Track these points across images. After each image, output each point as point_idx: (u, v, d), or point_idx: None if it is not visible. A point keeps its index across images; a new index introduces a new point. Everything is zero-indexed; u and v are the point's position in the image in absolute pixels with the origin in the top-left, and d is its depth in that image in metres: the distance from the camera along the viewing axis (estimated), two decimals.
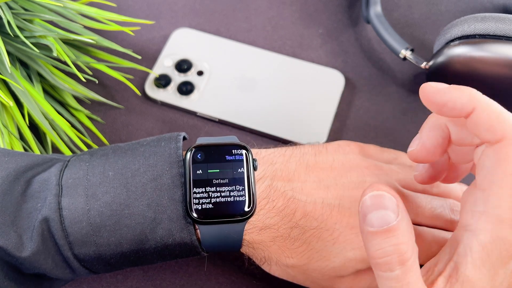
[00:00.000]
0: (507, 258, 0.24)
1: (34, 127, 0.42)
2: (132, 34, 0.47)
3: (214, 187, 0.30)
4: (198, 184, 0.29)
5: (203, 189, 0.29)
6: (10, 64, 0.36)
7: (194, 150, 0.30)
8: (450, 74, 0.41)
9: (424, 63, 0.43)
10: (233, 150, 0.30)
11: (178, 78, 0.46)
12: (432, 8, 0.51)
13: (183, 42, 0.48)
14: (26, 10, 0.40)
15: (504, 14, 0.38)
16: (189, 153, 0.30)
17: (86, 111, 0.44)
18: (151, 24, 0.49)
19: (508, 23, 0.38)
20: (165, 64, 0.47)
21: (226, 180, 0.30)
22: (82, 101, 0.45)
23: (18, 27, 0.38)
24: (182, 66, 0.46)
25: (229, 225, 0.29)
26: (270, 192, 0.31)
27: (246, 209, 0.29)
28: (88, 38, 0.39)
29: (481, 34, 0.38)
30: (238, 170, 0.30)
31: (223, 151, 0.30)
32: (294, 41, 0.49)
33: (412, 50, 0.44)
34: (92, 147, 0.41)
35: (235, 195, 0.29)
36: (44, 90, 0.42)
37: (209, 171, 0.30)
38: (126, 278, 0.37)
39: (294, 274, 0.33)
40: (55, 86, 0.43)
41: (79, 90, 0.43)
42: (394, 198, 0.24)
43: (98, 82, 0.46)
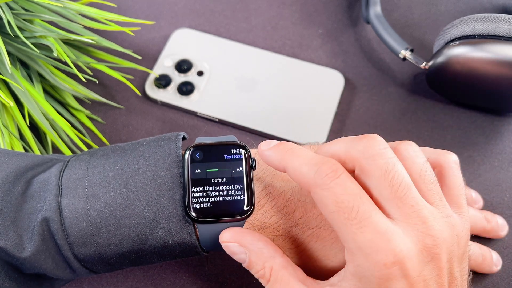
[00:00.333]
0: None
1: (34, 127, 0.42)
2: (132, 34, 0.47)
3: (213, 186, 0.30)
4: (197, 183, 0.29)
5: (202, 188, 0.29)
6: (10, 64, 0.36)
7: (193, 149, 0.30)
8: (449, 74, 0.41)
9: (423, 63, 0.43)
10: (231, 150, 0.31)
11: (178, 78, 0.46)
12: (431, 8, 0.51)
13: (183, 43, 0.48)
14: (26, 10, 0.40)
15: (503, 15, 0.38)
16: (187, 152, 0.30)
17: (86, 111, 0.44)
18: (151, 24, 0.50)
19: (507, 23, 0.38)
20: (165, 64, 0.47)
21: (224, 179, 0.30)
22: (82, 101, 0.45)
23: (19, 28, 0.38)
24: (182, 66, 0.46)
25: (227, 224, 0.30)
26: (269, 191, 0.31)
27: (244, 208, 0.29)
28: (88, 38, 0.39)
29: (480, 35, 0.39)
30: (237, 169, 0.30)
31: (222, 151, 0.30)
32: (294, 41, 0.49)
33: (411, 50, 0.44)
34: (92, 147, 0.41)
35: (234, 194, 0.30)
36: (44, 90, 0.42)
37: (207, 170, 0.30)
38: (127, 278, 0.37)
39: None
40: (55, 86, 0.43)
41: (79, 90, 0.43)
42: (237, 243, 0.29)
43: (98, 82, 0.46)
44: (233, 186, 0.30)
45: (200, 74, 0.46)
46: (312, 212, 0.31)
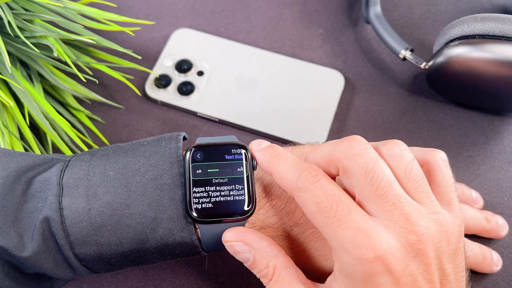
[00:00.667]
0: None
1: (34, 127, 0.42)
2: (132, 34, 0.47)
3: (214, 187, 0.30)
4: (198, 183, 0.29)
5: (203, 188, 0.29)
6: (10, 64, 0.36)
7: (194, 150, 0.30)
8: (449, 74, 0.41)
9: (423, 63, 0.43)
10: (232, 150, 0.31)
11: (178, 78, 0.46)
12: (431, 8, 0.51)
13: (183, 43, 0.48)
14: (26, 10, 0.40)
15: (503, 15, 0.38)
16: (188, 153, 0.30)
17: (87, 111, 0.44)
18: (152, 24, 0.50)
19: (507, 24, 0.38)
20: (165, 64, 0.47)
21: (225, 179, 0.30)
22: (83, 101, 0.45)
23: (19, 27, 0.38)
24: (182, 66, 0.46)
25: (229, 224, 0.30)
26: (270, 191, 0.32)
27: (245, 208, 0.29)
28: (88, 38, 0.39)
29: (480, 35, 0.39)
30: (238, 170, 0.30)
31: (223, 151, 0.31)
32: (294, 41, 0.49)
33: (411, 51, 0.44)
34: (92, 147, 0.42)
35: (235, 194, 0.30)
36: (44, 90, 0.42)
37: (208, 171, 0.30)
38: (127, 278, 0.37)
39: None
40: (56, 86, 0.43)
41: (80, 90, 0.43)
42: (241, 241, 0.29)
43: (98, 82, 0.46)
44: (234, 186, 0.30)
45: (200, 74, 0.46)
46: None
